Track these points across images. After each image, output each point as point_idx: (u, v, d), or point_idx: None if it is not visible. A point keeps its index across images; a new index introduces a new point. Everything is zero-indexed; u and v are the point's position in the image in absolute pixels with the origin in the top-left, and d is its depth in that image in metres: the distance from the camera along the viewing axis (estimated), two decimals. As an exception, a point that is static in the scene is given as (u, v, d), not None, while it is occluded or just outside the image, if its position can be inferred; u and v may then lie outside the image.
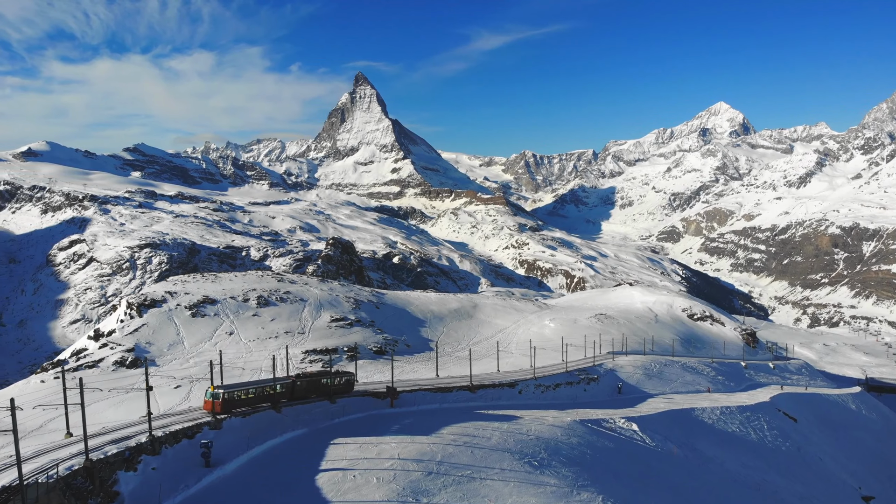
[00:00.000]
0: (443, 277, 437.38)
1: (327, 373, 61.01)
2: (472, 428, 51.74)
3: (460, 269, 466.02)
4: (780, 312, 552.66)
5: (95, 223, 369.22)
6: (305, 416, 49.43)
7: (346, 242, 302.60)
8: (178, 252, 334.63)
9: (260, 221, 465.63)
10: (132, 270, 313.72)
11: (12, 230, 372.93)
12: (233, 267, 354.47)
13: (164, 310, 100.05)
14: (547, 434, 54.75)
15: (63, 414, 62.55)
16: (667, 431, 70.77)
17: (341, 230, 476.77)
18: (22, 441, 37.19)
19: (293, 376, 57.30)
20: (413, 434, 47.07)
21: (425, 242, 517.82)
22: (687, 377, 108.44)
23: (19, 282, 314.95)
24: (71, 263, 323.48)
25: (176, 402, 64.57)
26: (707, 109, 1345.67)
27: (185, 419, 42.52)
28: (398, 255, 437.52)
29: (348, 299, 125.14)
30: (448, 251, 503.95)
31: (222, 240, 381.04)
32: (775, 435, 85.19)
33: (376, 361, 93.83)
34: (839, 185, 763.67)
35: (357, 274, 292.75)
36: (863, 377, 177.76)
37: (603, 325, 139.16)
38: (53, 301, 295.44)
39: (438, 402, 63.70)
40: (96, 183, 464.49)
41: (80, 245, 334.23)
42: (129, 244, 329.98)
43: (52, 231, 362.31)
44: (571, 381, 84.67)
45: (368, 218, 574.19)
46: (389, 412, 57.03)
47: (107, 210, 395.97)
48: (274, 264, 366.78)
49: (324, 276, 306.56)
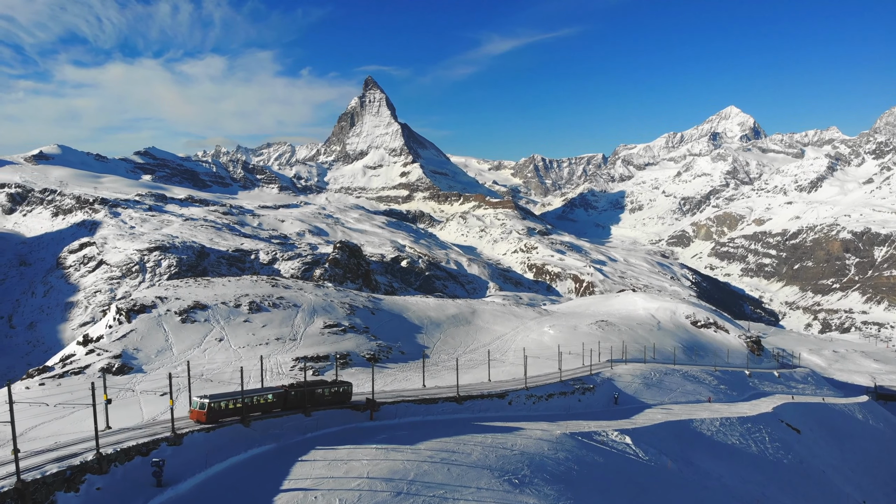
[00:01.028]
0: (451, 281, 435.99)
1: (323, 382, 59.33)
2: (453, 443, 49.78)
3: (468, 272, 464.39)
4: (790, 318, 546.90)
5: (105, 226, 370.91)
6: (275, 431, 47.46)
7: (353, 246, 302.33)
8: (187, 255, 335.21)
9: (269, 225, 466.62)
10: (142, 273, 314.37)
11: (23, 233, 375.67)
12: (242, 270, 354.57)
13: (153, 315, 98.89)
14: (532, 448, 52.63)
15: (43, 422, 61.79)
16: (662, 444, 68.44)
17: (350, 234, 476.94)
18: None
19: (286, 386, 55.67)
20: (388, 449, 45.01)
21: (434, 246, 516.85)
22: (688, 386, 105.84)
23: (30, 284, 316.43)
24: (81, 266, 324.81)
25: (161, 410, 63.19)
26: (717, 113, 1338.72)
27: (145, 434, 40.71)
28: (406, 259, 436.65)
29: (343, 305, 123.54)
30: (456, 255, 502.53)
31: (231, 243, 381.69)
32: (777, 447, 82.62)
33: (369, 369, 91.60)
34: (850, 189, 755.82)
35: (364, 277, 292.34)
36: (872, 385, 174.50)
37: (603, 332, 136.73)
38: (63, 303, 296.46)
39: (422, 415, 61.38)
40: (107, 186, 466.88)
41: (90, 248, 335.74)
42: (138, 247, 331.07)
43: (63, 234, 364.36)
44: (565, 391, 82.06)
45: (377, 221, 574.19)
46: (368, 426, 54.97)
47: (117, 213, 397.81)
48: (282, 268, 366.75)
49: (331, 280, 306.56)
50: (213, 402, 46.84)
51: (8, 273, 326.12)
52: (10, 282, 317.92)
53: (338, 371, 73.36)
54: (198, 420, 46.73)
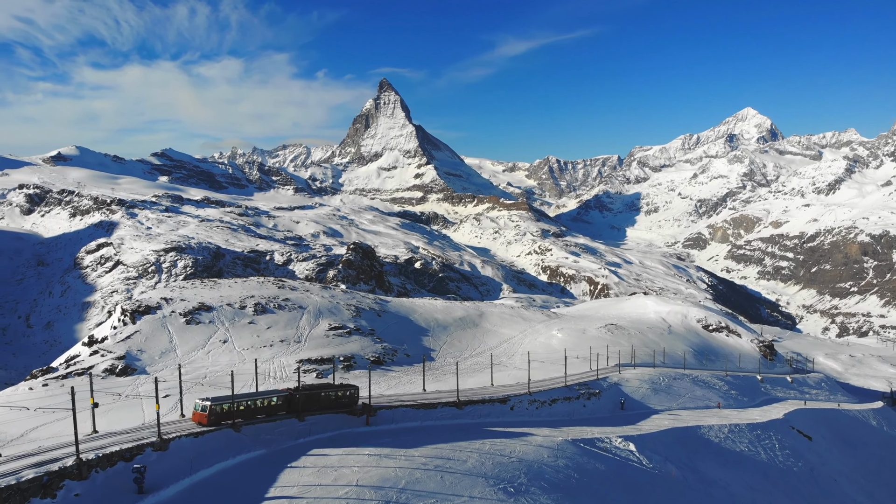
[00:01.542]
0: (464, 283, 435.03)
1: (329, 385, 58.72)
2: (449, 449, 48.61)
3: (482, 274, 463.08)
4: (807, 321, 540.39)
5: (122, 227, 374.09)
6: (266, 436, 46.85)
7: (366, 247, 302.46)
8: (202, 256, 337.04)
9: (284, 226, 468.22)
10: (158, 274, 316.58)
11: (41, 233, 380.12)
12: (257, 271, 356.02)
13: (158, 316, 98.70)
14: (532, 455, 51.39)
15: (45, 423, 61.85)
16: (668, 451, 66.94)
17: (364, 235, 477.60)
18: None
19: (291, 389, 55.09)
20: (381, 456, 44.10)
21: (447, 248, 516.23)
22: (697, 392, 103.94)
23: (47, 284, 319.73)
24: (98, 266, 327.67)
25: (163, 412, 63.15)
26: (734, 115, 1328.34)
27: (131, 439, 40.17)
28: (420, 261, 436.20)
29: (349, 307, 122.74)
30: (470, 257, 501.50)
31: (247, 244, 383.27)
32: (787, 454, 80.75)
33: (374, 372, 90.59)
34: (869, 192, 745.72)
35: (377, 279, 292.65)
36: (889, 390, 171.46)
37: (613, 336, 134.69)
38: (80, 303, 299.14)
39: (420, 420, 60.01)
40: (124, 187, 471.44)
41: (106, 248, 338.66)
42: (155, 248, 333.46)
43: (80, 234, 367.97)
44: (570, 397, 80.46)
45: (391, 223, 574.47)
46: (363, 431, 53.96)
47: (134, 214, 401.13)
48: (297, 269, 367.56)
49: (344, 281, 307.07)
50: (214, 405, 46.44)
51: (26, 273, 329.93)
52: (28, 282, 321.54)
53: (335, 374, 72.41)
54: (199, 422, 46.34)
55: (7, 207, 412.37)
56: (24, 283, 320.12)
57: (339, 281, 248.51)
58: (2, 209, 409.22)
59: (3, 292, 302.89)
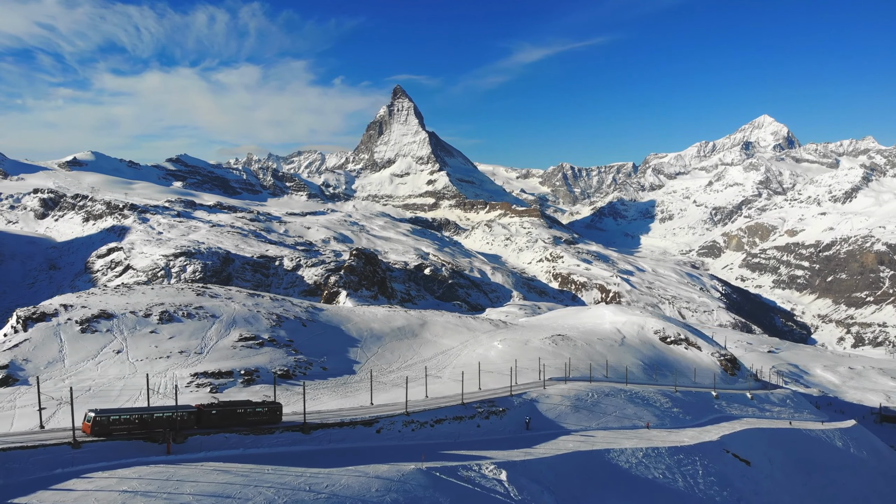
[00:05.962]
0: (474, 290, 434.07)
1: (247, 402, 57.83)
2: (239, 484, 40.89)
3: (492, 281, 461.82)
4: (822, 331, 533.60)
5: (134, 231, 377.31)
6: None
7: (369, 253, 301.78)
8: (212, 261, 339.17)
9: (295, 232, 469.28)
10: (167, 278, 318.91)
11: (54, 237, 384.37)
12: (266, 276, 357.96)
13: (51, 324, 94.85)
14: (353, 490, 43.58)
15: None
16: (555, 480, 58.93)
17: (374, 241, 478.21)
18: None
19: (204, 404, 54.29)
20: (142, 495, 36.94)
21: (458, 254, 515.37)
22: (629, 410, 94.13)
23: (58, 288, 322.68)
24: (108, 271, 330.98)
25: (32, 425, 59.79)
26: (750, 122, 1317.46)
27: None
28: (429, 267, 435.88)
29: (270, 316, 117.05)
30: (480, 263, 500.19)
31: (257, 249, 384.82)
32: (710, 482, 71.75)
33: (278, 387, 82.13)
34: (886, 200, 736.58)
35: (380, 285, 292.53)
36: (879, 405, 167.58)
37: (556, 348, 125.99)
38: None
39: (245, 447, 52.20)
40: (138, 192, 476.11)
41: (117, 253, 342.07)
42: (164, 252, 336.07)
43: (92, 239, 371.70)
44: (462, 416, 72.93)
45: (402, 229, 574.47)
46: (157, 461, 45.64)
47: (146, 219, 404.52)
48: (306, 274, 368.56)
49: (346, 287, 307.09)
50: (99, 416, 46.70)
51: (38, 277, 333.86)
52: (39, 285, 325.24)
53: (233, 390, 69.57)
54: (84, 433, 46.94)
55: (21, 212, 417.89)
56: (36, 286, 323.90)
57: (341, 287, 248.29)
58: (16, 213, 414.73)
59: (15, 296, 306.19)
